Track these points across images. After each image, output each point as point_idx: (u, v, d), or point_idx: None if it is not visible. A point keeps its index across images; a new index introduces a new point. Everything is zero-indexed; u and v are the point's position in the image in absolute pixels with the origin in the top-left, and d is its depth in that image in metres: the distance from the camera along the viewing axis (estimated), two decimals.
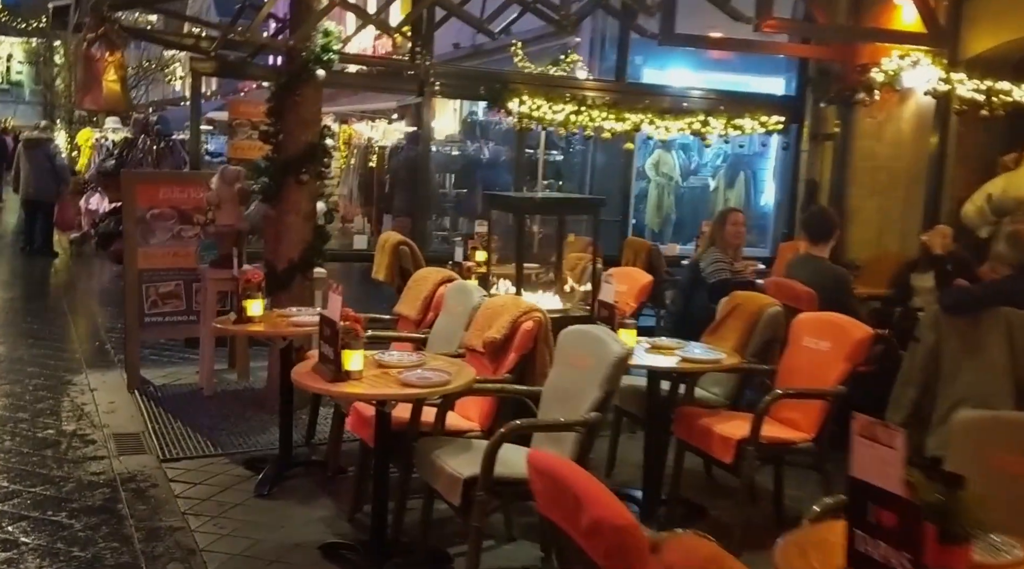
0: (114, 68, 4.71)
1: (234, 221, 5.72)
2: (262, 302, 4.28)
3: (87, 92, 4.76)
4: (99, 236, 10.71)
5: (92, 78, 4.69)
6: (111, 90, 4.73)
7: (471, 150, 11.97)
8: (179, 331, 6.19)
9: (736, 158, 12.72)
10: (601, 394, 3.09)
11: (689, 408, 3.90)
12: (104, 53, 4.63)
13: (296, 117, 5.26)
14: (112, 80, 4.74)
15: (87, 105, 4.94)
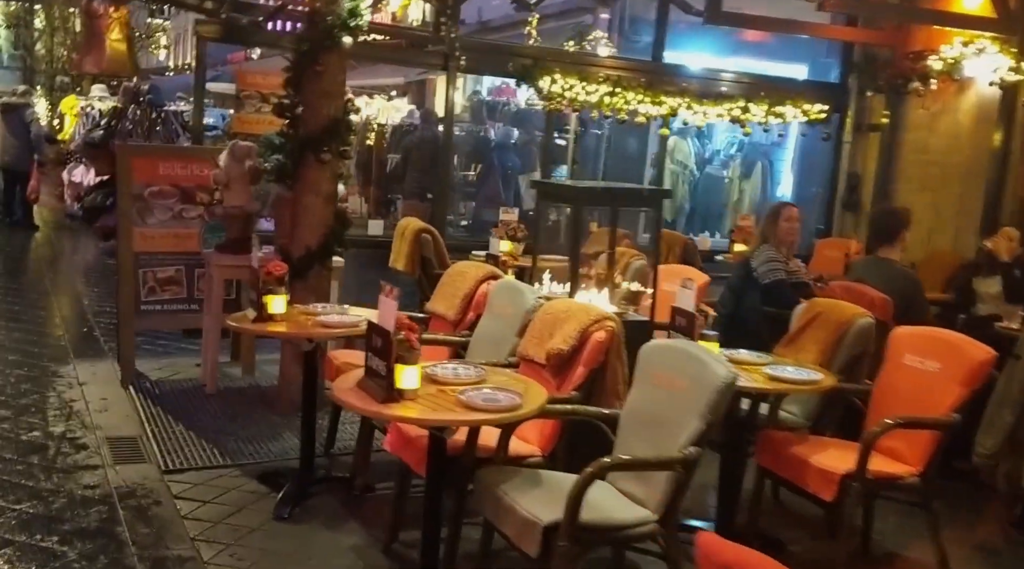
0: (119, 26, 4.13)
1: (244, 202, 5.18)
2: (285, 298, 3.76)
3: (87, 52, 4.18)
4: (84, 210, 10.08)
5: (93, 36, 4.11)
6: (115, 50, 4.17)
7: (480, 131, 11.43)
8: (179, 321, 5.65)
9: (752, 147, 12.25)
10: (702, 425, 2.62)
11: (775, 433, 3.44)
12: (107, 8, 4.03)
13: (318, 89, 4.72)
14: (116, 39, 4.18)
15: (87, 68, 4.37)
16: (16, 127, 10.73)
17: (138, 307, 5.43)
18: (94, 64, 4.04)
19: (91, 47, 3.94)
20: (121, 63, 4.05)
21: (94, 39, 3.90)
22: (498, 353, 3.70)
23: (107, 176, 10.13)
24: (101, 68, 4.12)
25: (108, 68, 4.14)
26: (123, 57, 4.03)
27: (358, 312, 3.93)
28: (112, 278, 8.67)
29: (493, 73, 7.05)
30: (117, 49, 3.96)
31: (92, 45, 3.92)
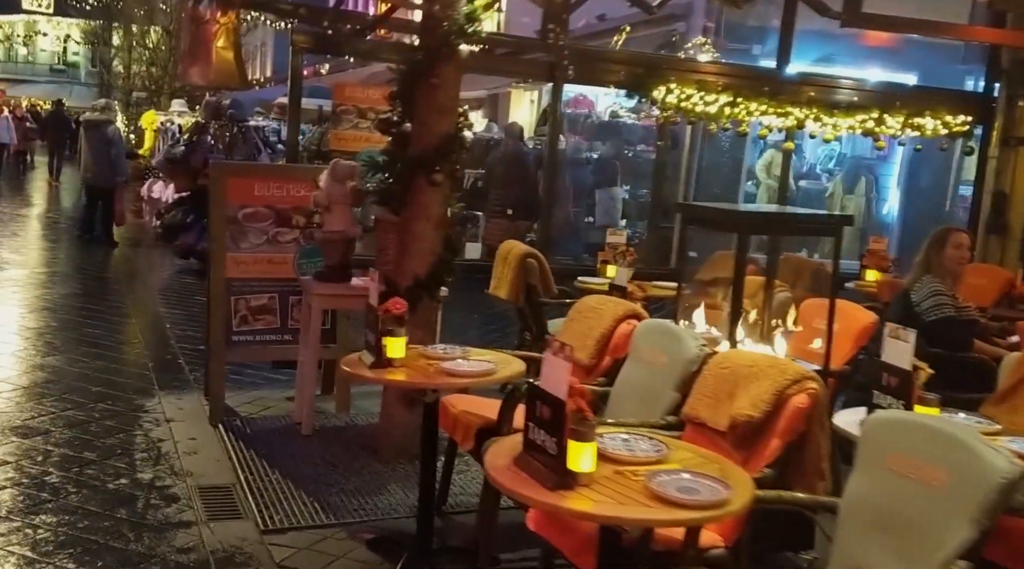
0: (226, 33, 3.70)
1: (345, 226, 4.75)
2: (404, 341, 3.28)
3: (193, 62, 3.77)
4: (164, 228, 9.86)
5: (200, 45, 3.70)
6: (223, 60, 3.76)
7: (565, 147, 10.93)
8: (271, 353, 5.23)
9: (855, 161, 11.50)
10: (974, 534, 2.03)
11: (1012, 520, 2.82)
12: (215, 13, 3.62)
13: (431, 103, 4.26)
14: (223, 47, 3.74)
15: (194, 79, 3.97)
16: (99, 144, 10.62)
17: (229, 338, 5.04)
18: (200, 75, 3.67)
19: (196, 56, 3.57)
20: (229, 74, 3.68)
21: (200, 48, 3.53)
22: (650, 410, 3.16)
23: (187, 192, 9.92)
24: (208, 79, 3.74)
25: (215, 79, 3.76)
26: (231, 67, 3.66)
27: (483, 356, 3.44)
28: (192, 299, 8.41)
29: (601, 83, 6.56)
30: (224, 58, 3.59)
31: (198, 54, 3.55)
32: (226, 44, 3.64)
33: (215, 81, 3.77)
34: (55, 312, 7.32)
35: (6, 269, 9.17)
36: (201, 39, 3.51)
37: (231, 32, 3.58)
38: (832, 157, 11.70)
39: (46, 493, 3.81)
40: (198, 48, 3.54)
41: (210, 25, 3.52)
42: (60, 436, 4.48)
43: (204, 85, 3.90)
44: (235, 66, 3.73)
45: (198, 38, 3.50)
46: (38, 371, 5.55)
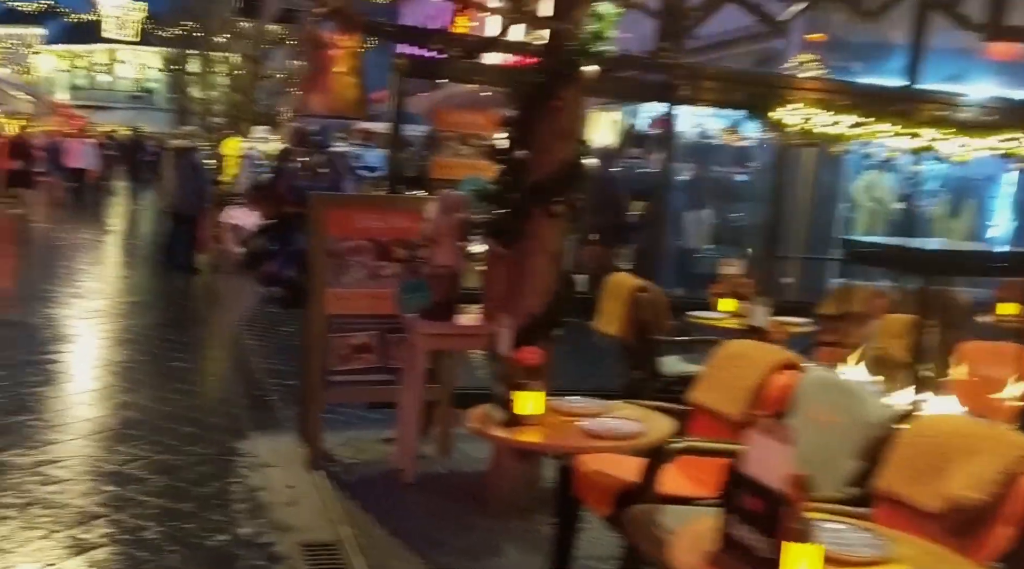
0: (348, 58, 3.42)
1: (452, 261, 4.43)
2: (542, 396, 2.93)
3: (312, 89, 3.50)
4: (248, 256, 9.75)
5: (319, 71, 3.43)
6: (344, 87, 3.46)
7: (650, 168, 10.52)
8: (370, 393, 4.93)
9: (961, 182, 10.81)
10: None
11: None
12: (335, 36, 3.35)
13: (553, 128, 3.92)
14: (345, 73, 3.46)
15: (314, 107, 3.68)
16: (185, 171, 10.63)
17: (328, 377, 4.75)
18: (321, 103, 3.42)
19: (316, 83, 3.32)
20: (350, 101, 3.41)
21: (320, 74, 3.29)
22: (823, 479, 2.73)
23: (271, 220, 9.81)
24: (329, 107, 3.48)
25: (336, 107, 3.50)
26: (353, 94, 3.39)
27: (624, 412, 3.07)
28: (277, 330, 8.23)
29: (718, 104, 6.17)
30: (346, 85, 3.32)
31: (318, 81, 3.31)
32: (347, 70, 3.37)
33: (336, 109, 3.50)
34: (140, 344, 7.18)
35: (91, 299, 9.15)
36: (321, 64, 3.25)
37: (353, 57, 3.31)
38: (936, 177, 11.05)
39: (145, 552, 3.54)
40: (318, 74, 3.28)
41: (331, 49, 3.26)
42: (154, 484, 4.24)
43: (325, 114, 3.67)
44: (357, 93, 3.45)
45: (318, 63, 3.24)
46: (127, 410, 5.36)
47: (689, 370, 5.32)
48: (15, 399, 5.35)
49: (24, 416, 5.06)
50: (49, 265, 11.12)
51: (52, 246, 13.19)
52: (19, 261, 11.37)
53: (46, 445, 4.63)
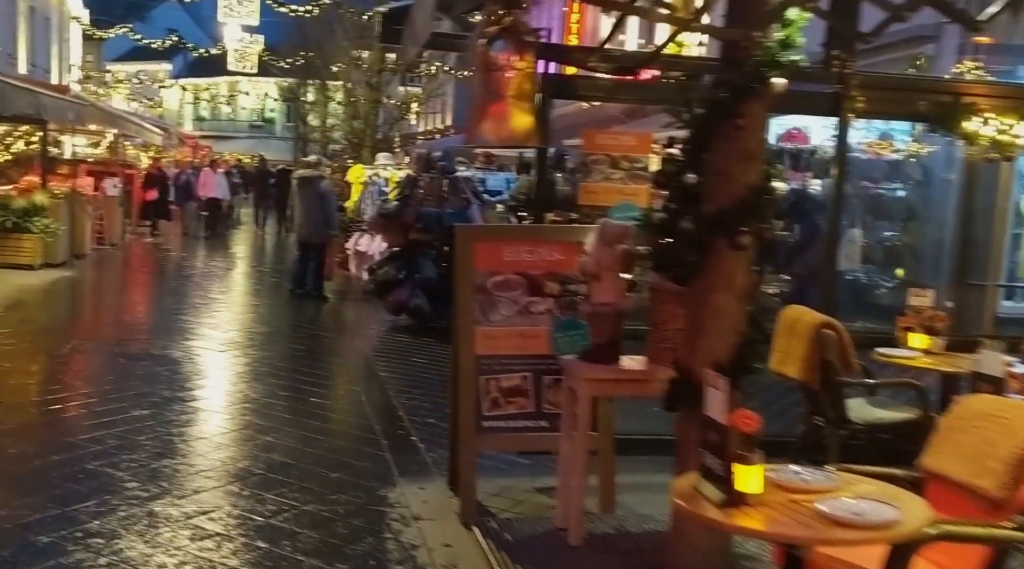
0: (522, 81, 3.10)
1: (615, 298, 4.04)
2: (761, 470, 2.49)
3: (483, 117, 3.18)
4: (376, 284, 9.64)
5: (493, 96, 3.11)
6: (518, 111, 3.13)
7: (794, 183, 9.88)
8: (525, 441, 4.57)
9: None
10: None
11: None
12: (511, 57, 3.05)
13: (736, 149, 3.48)
14: (519, 98, 3.14)
15: (488, 136, 3.35)
16: (312, 199, 10.67)
17: (479, 424, 4.43)
18: (495, 131, 3.12)
19: (487, 110, 3.03)
20: (527, 129, 3.10)
21: (493, 99, 3.00)
22: None
23: (398, 248, 9.68)
24: (503, 137, 3.16)
25: (511, 136, 3.19)
26: (528, 121, 3.09)
27: (862, 488, 2.58)
28: (410, 360, 8.03)
29: (895, 116, 5.60)
30: (521, 111, 3.02)
31: (490, 107, 3.02)
32: (522, 94, 3.07)
33: (511, 138, 3.17)
34: (277, 378, 7.08)
35: (225, 330, 9.21)
36: (494, 89, 2.96)
37: (529, 80, 3.01)
38: None
39: None
40: (490, 100, 2.99)
41: (505, 73, 2.97)
42: (307, 540, 4.00)
43: (499, 144, 3.37)
44: (531, 120, 3.14)
45: (490, 88, 2.95)
46: (271, 452, 5.19)
47: (883, 417, 4.76)
48: (160, 441, 5.27)
49: (170, 460, 4.96)
50: (184, 295, 11.36)
51: (186, 275, 13.56)
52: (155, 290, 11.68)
53: (195, 493, 4.48)
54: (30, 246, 11.81)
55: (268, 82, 45.36)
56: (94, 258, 14.39)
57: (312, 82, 31.17)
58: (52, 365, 7.17)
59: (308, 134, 36.81)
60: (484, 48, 3.06)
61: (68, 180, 14.47)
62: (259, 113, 55.71)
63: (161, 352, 7.73)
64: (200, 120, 55.24)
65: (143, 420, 5.63)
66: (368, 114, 18.58)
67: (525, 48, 3.08)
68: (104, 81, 38.46)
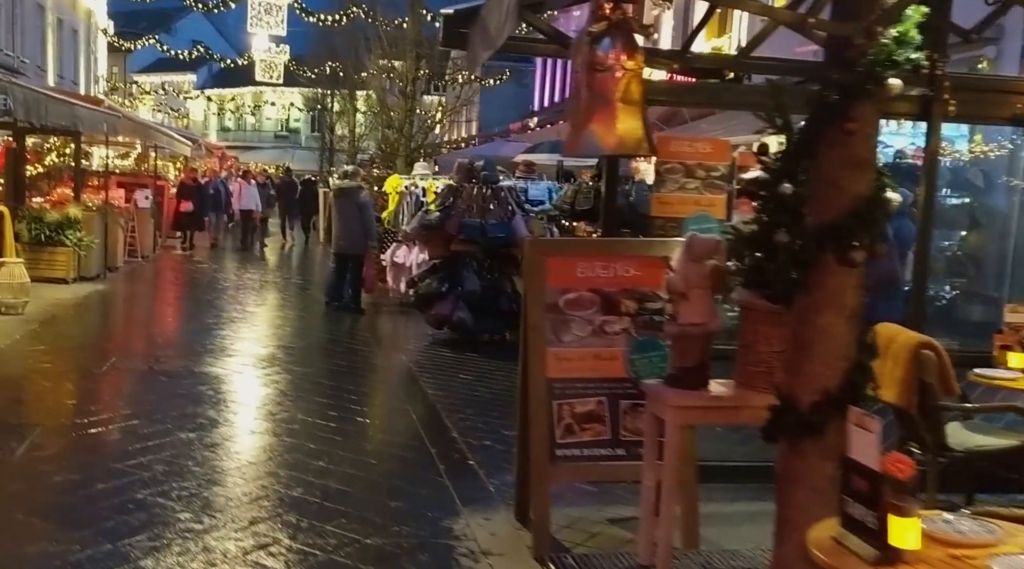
0: (630, 83, 2.82)
1: (705, 318, 3.74)
2: (917, 522, 2.19)
3: (587, 123, 2.89)
4: (418, 297, 9.40)
5: (599, 100, 2.83)
6: (628, 118, 2.85)
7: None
8: (602, 472, 4.26)
9: None
10: None
11: None
12: (620, 57, 2.77)
13: (845, 155, 3.17)
14: (628, 102, 2.86)
15: (597, 144, 3.06)
16: (350, 210, 10.46)
17: (552, 452, 4.14)
18: (603, 138, 2.79)
19: (591, 116, 2.73)
20: (636, 136, 2.80)
21: (599, 103, 2.70)
22: None
23: (439, 260, 9.44)
24: (611, 144, 2.86)
25: (619, 144, 2.89)
26: (638, 127, 2.80)
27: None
28: (457, 377, 7.75)
29: (989, 120, 5.28)
30: (630, 116, 2.73)
31: (595, 112, 2.72)
32: (631, 98, 2.79)
33: (619, 147, 2.85)
34: (323, 397, 6.83)
35: (265, 345, 9.00)
36: (600, 93, 2.67)
37: (638, 82, 2.71)
38: None
39: None
40: (596, 104, 2.69)
41: (614, 73, 2.68)
42: None
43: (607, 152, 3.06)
44: (641, 126, 2.85)
45: (596, 91, 2.66)
46: (327, 478, 4.93)
47: (984, 443, 4.42)
48: (209, 466, 5.03)
49: (221, 488, 4.71)
50: (219, 308, 11.18)
51: (220, 288, 13.39)
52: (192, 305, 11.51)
53: (251, 525, 4.23)
54: (64, 259, 11.69)
55: (293, 92, 45.51)
56: (126, 271, 14.27)
57: (339, 92, 31.07)
58: (91, 384, 6.97)
59: (335, 144, 36.78)
60: (589, 47, 2.78)
61: (100, 192, 14.38)
62: (284, 123, 55.91)
63: (202, 369, 7.51)
64: (225, 131, 55.52)
65: (190, 444, 5.40)
66: (402, 123, 18.39)
67: (634, 46, 2.80)
68: (130, 92, 38.65)
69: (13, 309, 9.35)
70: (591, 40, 2.80)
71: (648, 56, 3.30)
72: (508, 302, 9.15)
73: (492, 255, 9.30)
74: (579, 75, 2.93)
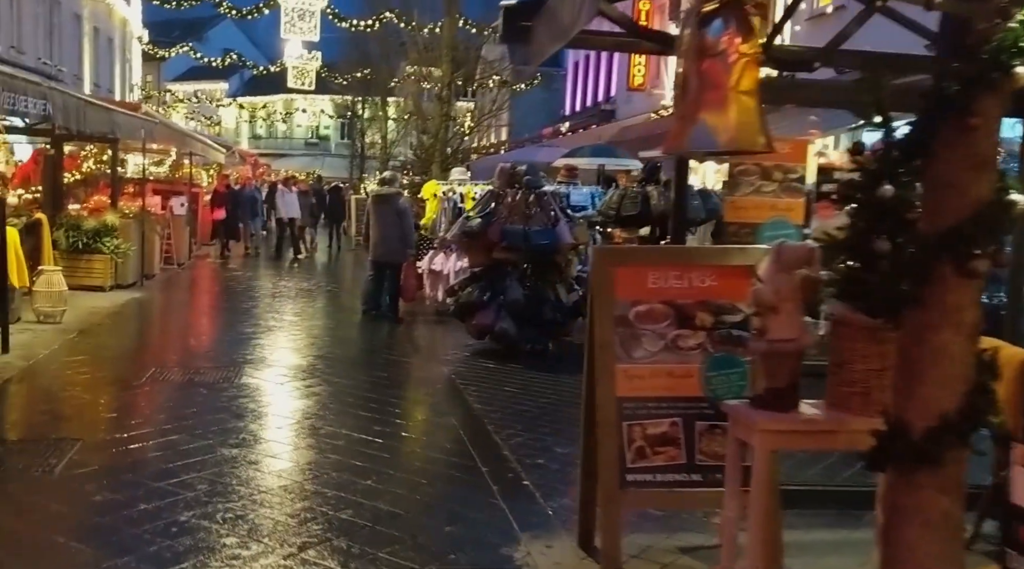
0: (745, 68, 2.52)
1: (796, 333, 3.43)
2: None
3: (697, 113, 2.58)
4: (458, 306, 9.13)
5: (711, 89, 2.53)
6: (744, 109, 2.55)
7: None
8: (677, 498, 3.96)
9: None
10: None
11: None
12: (734, 40, 2.48)
13: (965, 155, 2.87)
14: (744, 91, 2.56)
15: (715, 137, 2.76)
16: (389, 217, 10.25)
17: (623, 477, 3.85)
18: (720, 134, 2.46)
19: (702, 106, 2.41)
20: (753, 130, 2.48)
21: (711, 93, 2.39)
22: None
23: (480, 267, 9.17)
24: (727, 140, 2.54)
25: (734, 139, 2.57)
26: (754, 120, 2.49)
27: None
28: (501, 390, 7.47)
29: None
30: (746, 107, 2.43)
31: (707, 103, 2.40)
32: (746, 87, 2.48)
33: (733, 142, 2.51)
34: (367, 409, 6.58)
35: (304, 355, 8.78)
36: (711, 81, 2.33)
37: (753, 68, 2.38)
38: None
39: None
40: (707, 94, 2.36)
41: (727, 59, 2.36)
42: None
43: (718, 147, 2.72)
44: (759, 119, 2.53)
45: (707, 80, 2.33)
46: (377, 500, 4.66)
47: None
48: (254, 486, 4.79)
49: (268, 509, 4.47)
50: (256, 316, 11.00)
51: (256, 296, 13.23)
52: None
53: (301, 551, 3.97)
54: (101, 267, 11.59)
55: (324, 99, 45.63)
56: (163, 278, 14.17)
57: (371, 98, 30.97)
58: (130, 396, 6.78)
59: (366, 150, 36.74)
60: (698, 30, 2.49)
61: (137, 199, 14.31)
62: (314, 130, 56.12)
63: (241, 381, 7.30)
64: (256, 138, 55.85)
65: (233, 461, 5.17)
66: (438, 128, 18.18)
67: (750, 28, 2.50)
68: (164, 101, 38.95)
69: (51, 318, 9.23)
70: (700, 22, 2.50)
71: None
72: (552, 311, 8.87)
73: (535, 263, 9.03)
74: (686, 62, 2.64)
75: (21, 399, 6.80)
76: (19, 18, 21.38)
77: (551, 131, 31.35)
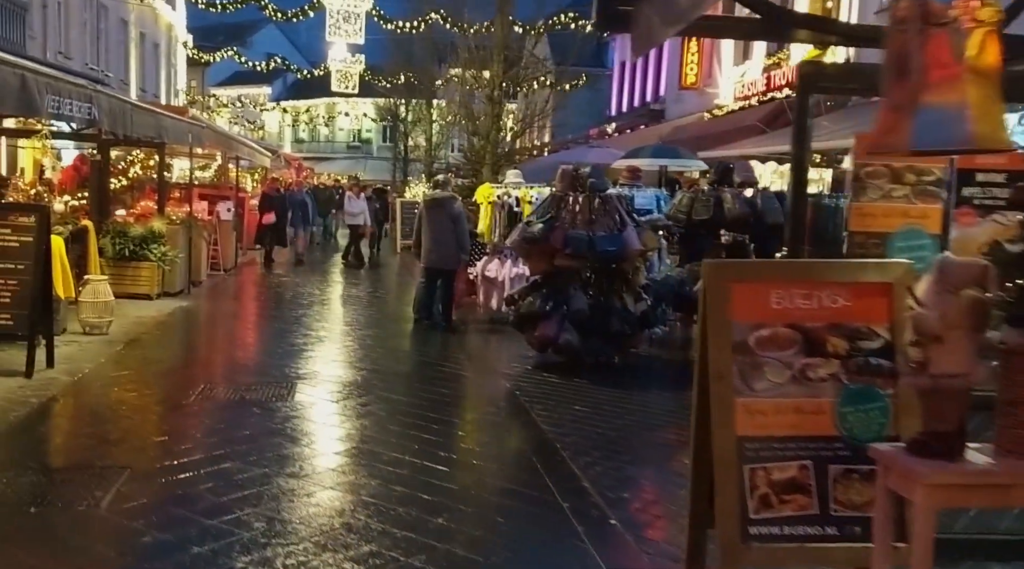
0: (985, 42, 2.00)
1: (966, 367, 2.87)
2: None
3: (920, 100, 2.06)
4: (519, 316, 8.64)
5: (939, 69, 2.00)
6: (985, 91, 2.02)
7: None
8: (809, 555, 3.39)
9: None
10: None
11: None
12: (968, 3, 1.97)
13: None
14: (982, 70, 2.03)
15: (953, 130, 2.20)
16: (443, 223, 9.80)
17: (745, 529, 3.32)
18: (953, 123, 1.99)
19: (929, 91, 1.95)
20: (994, 125, 2.01)
21: (940, 74, 1.93)
22: None
23: (541, 275, 8.68)
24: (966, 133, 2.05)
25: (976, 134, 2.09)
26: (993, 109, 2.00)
27: None
28: (566, 407, 6.90)
29: None
30: (985, 89, 1.96)
31: (936, 87, 1.94)
32: (986, 65, 1.95)
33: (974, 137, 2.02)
34: (430, 432, 6.10)
35: (358, 368, 8.37)
36: (938, 58, 1.86)
37: (994, 42, 1.89)
38: None
39: None
40: (934, 76, 1.90)
41: (959, 29, 1.88)
42: None
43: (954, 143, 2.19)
44: (997, 106, 2.04)
45: (932, 57, 1.87)
46: (453, 543, 4.19)
47: None
48: (316, 525, 4.36)
49: (332, 553, 4.01)
50: (307, 326, 10.61)
51: (305, 304, 12.87)
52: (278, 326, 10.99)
53: None
54: (148, 275, 11.32)
55: (366, 102, 45.49)
56: (209, 286, 13.90)
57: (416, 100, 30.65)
58: (179, 417, 6.40)
59: (410, 153, 36.48)
60: (899, 27, 1.95)
61: (183, 205, 14.07)
62: (356, 134, 56.13)
63: (295, 399, 6.90)
64: (299, 142, 56.00)
65: (292, 494, 4.74)
66: (488, 130, 17.74)
67: None
68: (208, 105, 39.12)
69: (97, 329, 8.93)
70: (903, 15, 1.97)
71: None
72: (619, 322, 8.35)
73: (600, 271, 8.52)
74: (903, 37, 2.10)
75: (66, 420, 6.45)
76: (67, 24, 21.41)
77: (598, 132, 30.77)
